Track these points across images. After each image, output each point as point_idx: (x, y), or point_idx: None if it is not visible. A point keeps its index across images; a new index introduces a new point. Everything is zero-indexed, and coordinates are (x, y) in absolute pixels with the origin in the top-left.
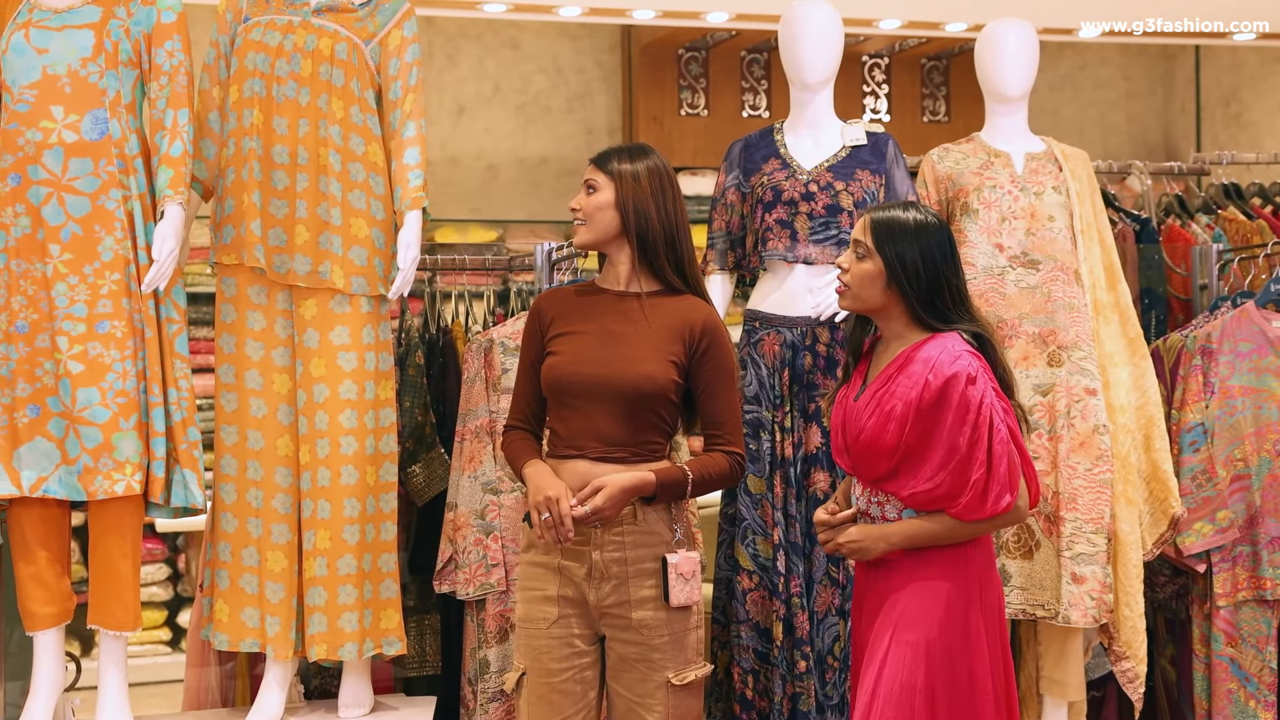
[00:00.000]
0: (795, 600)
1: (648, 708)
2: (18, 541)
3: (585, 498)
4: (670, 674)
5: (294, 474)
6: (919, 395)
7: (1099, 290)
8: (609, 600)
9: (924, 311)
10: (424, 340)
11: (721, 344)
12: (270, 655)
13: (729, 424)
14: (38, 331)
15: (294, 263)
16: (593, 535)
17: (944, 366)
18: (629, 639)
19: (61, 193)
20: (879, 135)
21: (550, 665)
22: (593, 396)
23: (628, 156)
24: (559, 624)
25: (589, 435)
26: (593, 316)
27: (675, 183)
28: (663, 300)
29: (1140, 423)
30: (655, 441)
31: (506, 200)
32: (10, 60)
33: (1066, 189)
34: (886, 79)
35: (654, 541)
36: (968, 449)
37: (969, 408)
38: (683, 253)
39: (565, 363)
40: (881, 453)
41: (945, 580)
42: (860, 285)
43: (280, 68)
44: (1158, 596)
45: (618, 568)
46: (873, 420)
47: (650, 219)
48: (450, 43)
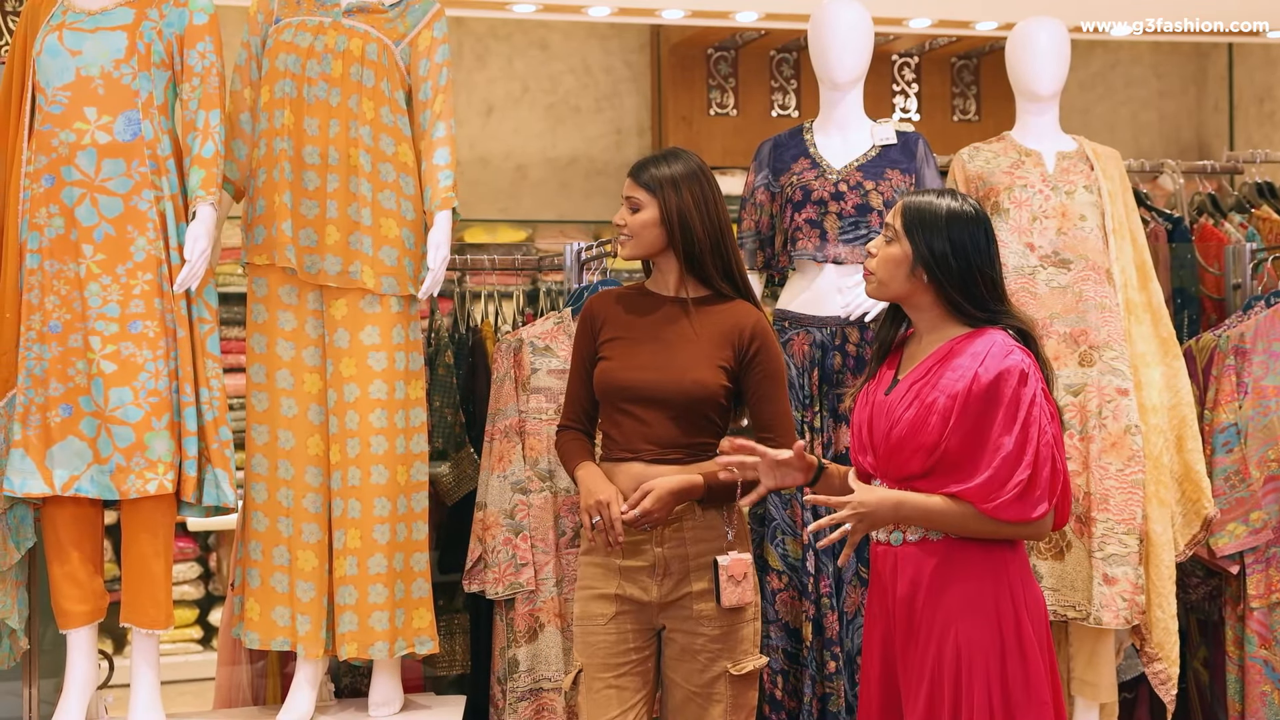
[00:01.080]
0: (825, 600)
1: (708, 697)
2: (51, 540)
3: (635, 502)
4: (729, 664)
5: (324, 473)
6: (966, 388)
7: (1131, 290)
8: (671, 594)
9: (963, 302)
10: (453, 340)
11: (770, 348)
12: (301, 654)
13: (780, 426)
14: (70, 331)
15: (325, 263)
16: (656, 533)
17: (995, 361)
18: (690, 629)
19: (95, 193)
20: (909, 134)
21: (609, 661)
22: (646, 402)
23: (666, 166)
24: (615, 620)
25: (643, 439)
26: (644, 322)
27: (714, 184)
28: (712, 306)
29: (1173, 423)
30: (707, 443)
31: (535, 200)
32: (44, 62)
33: (1098, 188)
34: (916, 78)
35: (712, 537)
36: (1014, 449)
37: (1019, 406)
38: (729, 257)
39: (617, 369)
40: (918, 448)
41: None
42: (884, 269)
43: (311, 69)
44: (1190, 598)
45: (678, 564)
46: (910, 413)
47: (695, 231)
48: (480, 43)
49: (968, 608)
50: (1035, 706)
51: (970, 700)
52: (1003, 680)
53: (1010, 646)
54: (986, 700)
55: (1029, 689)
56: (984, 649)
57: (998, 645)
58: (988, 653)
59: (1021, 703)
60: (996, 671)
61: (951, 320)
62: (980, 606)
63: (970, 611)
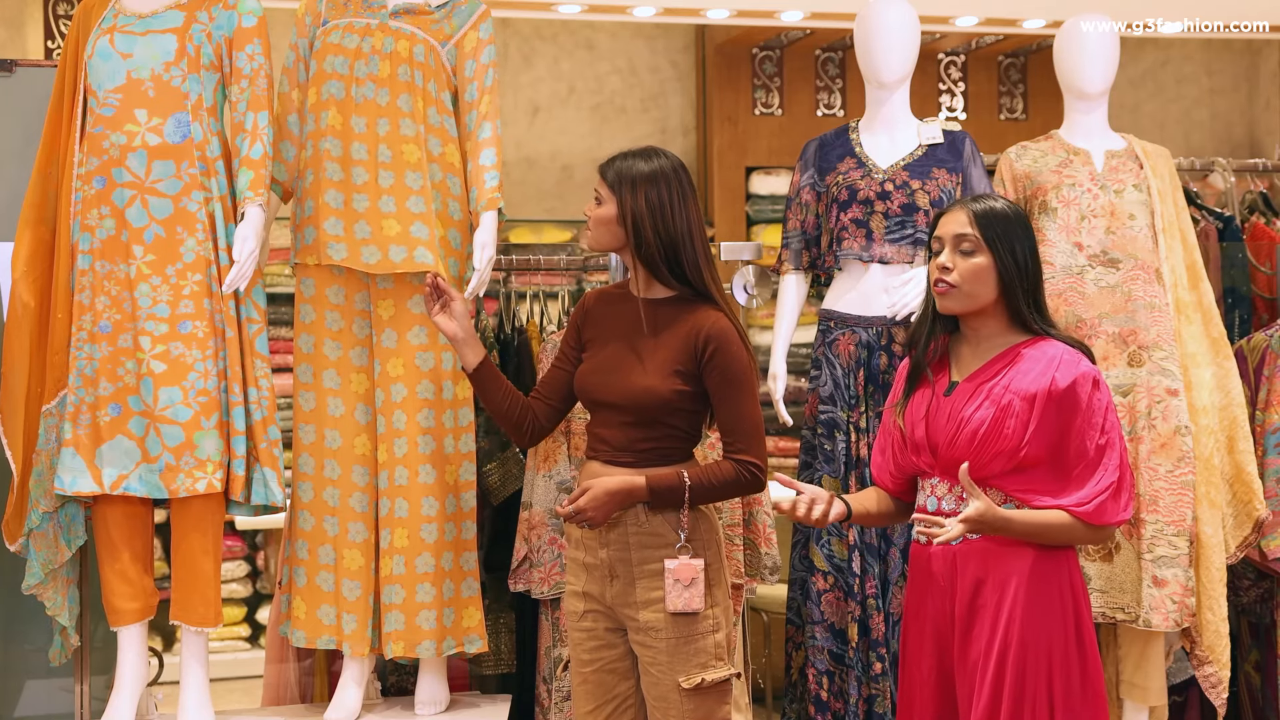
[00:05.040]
0: (870, 601)
1: (664, 711)
2: (103, 539)
3: (574, 498)
4: (681, 677)
5: (371, 472)
6: (1045, 391)
7: (1181, 289)
8: (620, 599)
9: (1028, 309)
10: (499, 340)
11: (728, 351)
12: (347, 652)
13: (740, 430)
14: (120, 331)
15: (365, 253)
16: (601, 534)
17: (1069, 367)
18: (639, 640)
19: (145, 195)
20: (956, 133)
21: (581, 656)
22: (603, 405)
23: (632, 164)
24: (585, 618)
25: (599, 439)
26: (615, 325)
27: (681, 187)
28: (674, 308)
29: (1223, 424)
30: (667, 448)
31: (581, 200)
32: (96, 64)
33: (1147, 186)
34: (963, 77)
35: (659, 544)
36: (1096, 453)
37: (1096, 410)
38: (685, 261)
39: (585, 372)
40: (1000, 452)
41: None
42: (973, 283)
43: (359, 69)
44: (1241, 600)
45: (623, 568)
46: (984, 413)
47: (645, 233)
48: (526, 44)
49: (1030, 606)
50: (1093, 701)
51: (1034, 697)
52: (1065, 677)
53: (1071, 644)
54: (1048, 697)
55: (1086, 686)
56: (1046, 646)
57: (1061, 642)
58: (1050, 650)
59: (1079, 699)
60: (1060, 668)
61: (1013, 328)
62: (1043, 605)
63: (1033, 610)
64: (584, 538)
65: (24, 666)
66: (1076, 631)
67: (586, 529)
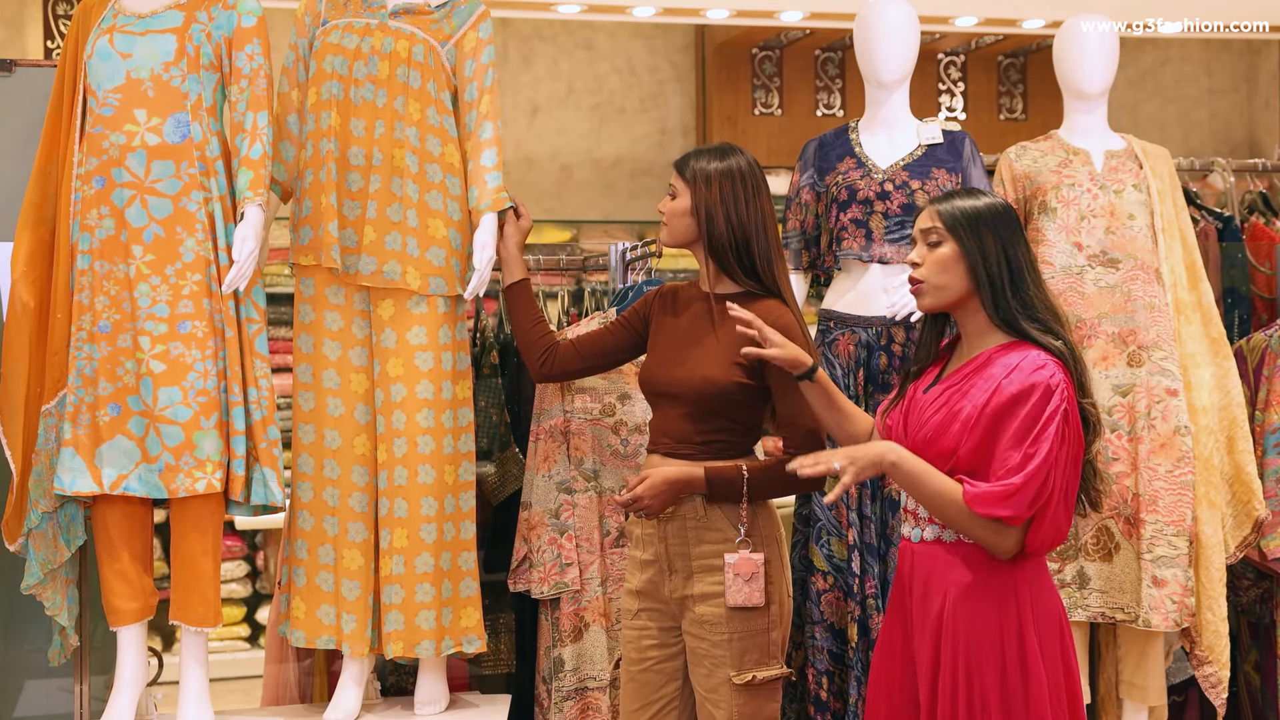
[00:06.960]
0: (870, 601)
1: (714, 704)
2: (102, 539)
3: (632, 486)
4: (732, 672)
5: (371, 472)
6: (987, 399)
7: (1180, 289)
8: (678, 593)
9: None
10: (499, 340)
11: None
12: (346, 652)
13: (800, 425)
14: (120, 331)
15: (361, 263)
16: (659, 527)
17: (1021, 375)
18: (695, 633)
19: (144, 195)
20: (955, 133)
21: (631, 655)
22: (664, 396)
23: (705, 159)
24: (637, 617)
25: (661, 432)
26: (681, 320)
27: (755, 183)
28: (741, 303)
29: (1223, 424)
30: (726, 441)
31: (581, 200)
32: (95, 64)
33: (1147, 187)
34: (962, 76)
35: (718, 539)
36: (1019, 461)
37: (1035, 421)
38: (756, 255)
39: (649, 364)
40: (939, 454)
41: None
42: (940, 274)
43: (358, 70)
44: (1241, 600)
45: (681, 561)
46: (937, 417)
47: (718, 225)
48: (525, 44)
49: (972, 616)
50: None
51: (970, 710)
52: (1001, 694)
53: (1011, 662)
54: (984, 712)
55: (1028, 707)
56: (983, 660)
57: (997, 659)
58: (985, 665)
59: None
60: (995, 685)
61: (993, 327)
62: (983, 616)
63: (973, 620)
64: (644, 535)
65: (23, 666)
66: (1020, 651)
67: (645, 520)
